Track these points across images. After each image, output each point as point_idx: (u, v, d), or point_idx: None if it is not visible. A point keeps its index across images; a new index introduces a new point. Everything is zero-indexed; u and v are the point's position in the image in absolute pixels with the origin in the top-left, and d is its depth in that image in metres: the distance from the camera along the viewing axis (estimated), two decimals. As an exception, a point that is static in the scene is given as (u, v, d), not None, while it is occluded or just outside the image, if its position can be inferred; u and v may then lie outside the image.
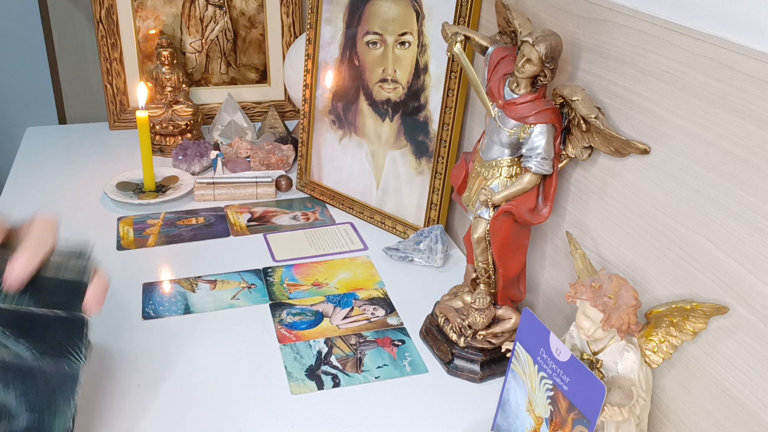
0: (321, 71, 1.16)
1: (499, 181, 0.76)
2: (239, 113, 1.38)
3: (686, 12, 0.59)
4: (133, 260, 1.01)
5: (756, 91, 0.52)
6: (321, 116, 1.18)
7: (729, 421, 0.58)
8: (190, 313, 0.89)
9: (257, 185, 1.19)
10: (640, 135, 0.65)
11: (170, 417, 0.73)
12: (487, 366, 0.80)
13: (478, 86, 0.76)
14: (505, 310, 0.81)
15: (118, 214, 1.12)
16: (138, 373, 0.78)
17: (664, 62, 0.61)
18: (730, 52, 0.54)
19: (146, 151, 1.15)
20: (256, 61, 1.47)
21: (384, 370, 0.81)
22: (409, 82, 1.04)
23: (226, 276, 0.98)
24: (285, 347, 0.84)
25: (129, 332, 0.85)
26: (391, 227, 1.09)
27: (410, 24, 1.03)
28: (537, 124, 0.72)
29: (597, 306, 0.58)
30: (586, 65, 0.73)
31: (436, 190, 1.03)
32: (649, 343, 0.61)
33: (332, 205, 1.17)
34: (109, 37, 1.37)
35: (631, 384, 0.59)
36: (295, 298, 0.93)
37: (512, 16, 0.76)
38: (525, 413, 0.65)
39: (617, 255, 0.71)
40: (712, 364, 0.59)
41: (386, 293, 0.95)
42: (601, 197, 0.73)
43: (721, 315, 0.56)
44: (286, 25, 1.45)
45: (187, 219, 1.12)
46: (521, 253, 0.80)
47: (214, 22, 1.43)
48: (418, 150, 1.05)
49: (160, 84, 1.35)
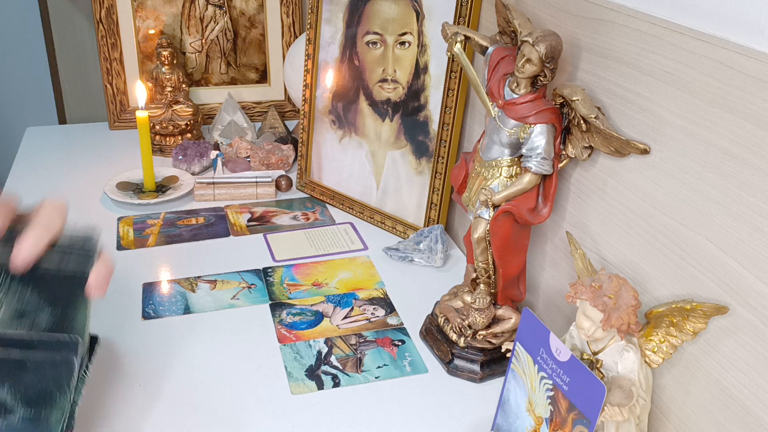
0: (321, 71, 1.16)
1: (499, 181, 0.76)
2: (239, 113, 1.38)
3: (686, 12, 0.59)
4: (133, 260, 1.01)
5: (756, 91, 0.52)
6: (321, 116, 1.18)
7: (729, 421, 0.58)
8: (190, 313, 0.89)
9: (257, 185, 1.19)
10: (640, 135, 0.65)
11: (170, 417, 0.73)
12: (487, 366, 0.80)
13: (478, 86, 0.76)
14: (505, 310, 0.81)
15: (118, 214, 1.12)
16: (138, 373, 0.78)
17: (664, 62, 0.61)
18: (730, 52, 0.54)
19: (146, 151, 1.15)
20: (256, 61, 1.47)
21: (384, 370, 0.81)
22: (409, 82, 1.04)
23: (226, 276, 0.98)
24: (285, 347, 0.84)
25: (129, 332, 0.85)
26: (391, 227, 1.09)
27: (410, 24, 1.03)
28: (537, 124, 0.72)
29: (597, 306, 0.58)
30: (586, 65, 0.73)
31: (436, 190, 1.03)
32: (649, 343, 0.61)
33: (332, 205, 1.17)
34: (109, 37, 1.37)
35: (631, 384, 0.59)
36: (295, 298, 0.93)
37: (512, 16, 0.76)
38: (525, 413, 0.65)
39: (617, 255, 0.71)
40: (712, 364, 0.59)
41: (386, 293, 0.95)
42: (601, 197, 0.73)
43: (721, 315, 0.56)
44: (286, 25, 1.45)
45: (187, 219, 1.12)
46: (521, 253, 0.80)
47: (214, 22, 1.43)
48: (418, 150, 1.05)
49: (160, 84, 1.35)
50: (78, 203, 1.16)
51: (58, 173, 1.26)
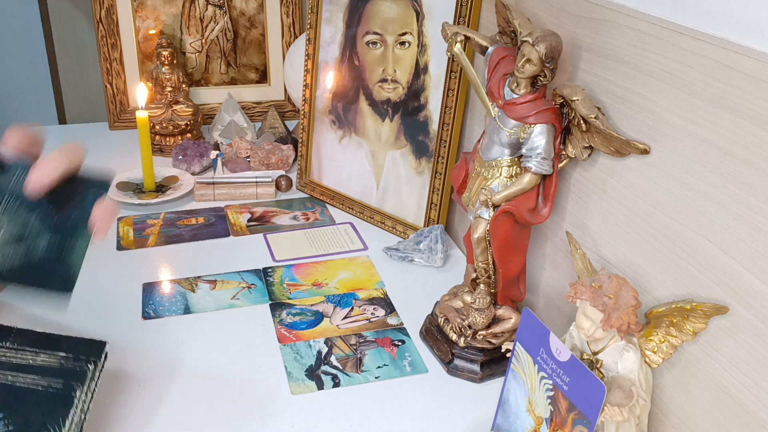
0: (321, 71, 1.16)
1: (499, 181, 0.76)
2: (239, 113, 1.38)
3: (686, 12, 0.59)
4: (133, 260, 1.01)
5: (756, 91, 0.52)
6: (321, 116, 1.18)
7: (729, 421, 0.58)
8: (190, 313, 0.89)
9: (257, 185, 1.19)
10: (640, 135, 0.65)
11: (170, 417, 0.73)
12: (487, 366, 0.80)
13: (478, 86, 0.76)
14: (505, 310, 0.81)
15: (118, 214, 1.12)
16: (138, 373, 0.78)
17: (664, 62, 0.61)
18: (730, 52, 0.54)
19: (146, 151, 1.15)
20: (256, 61, 1.47)
21: (384, 370, 0.81)
22: (409, 82, 1.04)
23: (226, 276, 0.98)
24: (285, 347, 0.84)
25: (129, 332, 0.85)
26: (391, 227, 1.09)
27: (410, 24, 1.03)
28: (537, 124, 0.72)
29: (597, 306, 0.58)
30: (586, 65, 0.73)
31: (436, 190, 1.03)
32: (649, 343, 0.61)
33: (332, 205, 1.17)
34: (109, 37, 1.37)
35: (631, 384, 0.59)
36: (295, 298, 0.93)
37: (512, 16, 0.76)
38: (525, 413, 0.65)
39: (617, 255, 0.71)
40: (712, 364, 0.59)
41: (386, 293, 0.95)
42: (601, 197, 0.73)
43: (721, 315, 0.56)
44: (286, 25, 1.45)
45: (187, 219, 1.12)
46: (521, 253, 0.80)
47: (214, 22, 1.43)
48: (418, 150, 1.05)
49: (160, 84, 1.35)
50: (78, 203, 1.15)
51: (58, 173, 1.25)
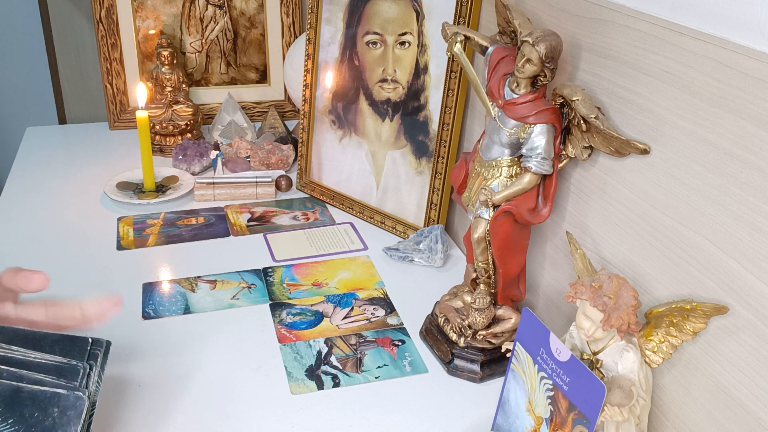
0: (321, 71, 1.16)
1: (499, 181, 0.76)
2: (239, 113, 1.38)
3: (686, 12, 0.59)
4: (133, 260, 1.01)
5: (756, 91, 0.52)
6: (321, 116, 1.18)
7: (729, 421, 0.58)
8: (190, 313, 0.89)
9: (257, 185, 1.19)
10: (640, 135, 0.65)
11: (170, 417, 0.73)
12: (487, 366, 0.80)
13: (478, 86, 0.76)
14: (505, 310, 0.81)
15: (118, 214, 1.12)
16: (138, 373, 0.78)
17: (664, 62, 0.61)
18: (730, 52, 0.54)
19: (146, 151, 1.15)
20: (256, 61, 1.47)
21: (384, 370, 0.81)
22: (409, 82, 1.04)
23: (226, 276, 0.98)
24: (285, 347, 0.84)
25: (129, 332, 0.85)
26: (391, 227, 1.09)
27: (410, 24, 1.03)
28: (537, 124, 0.72)
29: (597, 306, 0.58)
30: (586, 65, 0.73)
31: (436, 190, 1.03)
32: (649, 343, 0.61)
33: (332, 205, 1.17)
34: (109, 37, 1.37)
35: (631, 384, 0.59)
36: (295, 298, 0.93)
37: (512, 16, 0.76)
38: (525, 413, 0.65)
39: (617, 255, 0.71)
40: (712, 364, 0.59)
41: (386, 293, 0.95)
42: (601, 197, 0.73)
43: (721, 315, 0.56)
44: (286, 25, 1.45)
45: (187, 219, 1.12)
46: (521, 253, 0.80)
47: (214, 22, 1.43)
48: (418, 150, 1.05)
49: (160, 84, 1.35)
50: (78, 203, 1.16)
51: (58, 173, 1.26)
